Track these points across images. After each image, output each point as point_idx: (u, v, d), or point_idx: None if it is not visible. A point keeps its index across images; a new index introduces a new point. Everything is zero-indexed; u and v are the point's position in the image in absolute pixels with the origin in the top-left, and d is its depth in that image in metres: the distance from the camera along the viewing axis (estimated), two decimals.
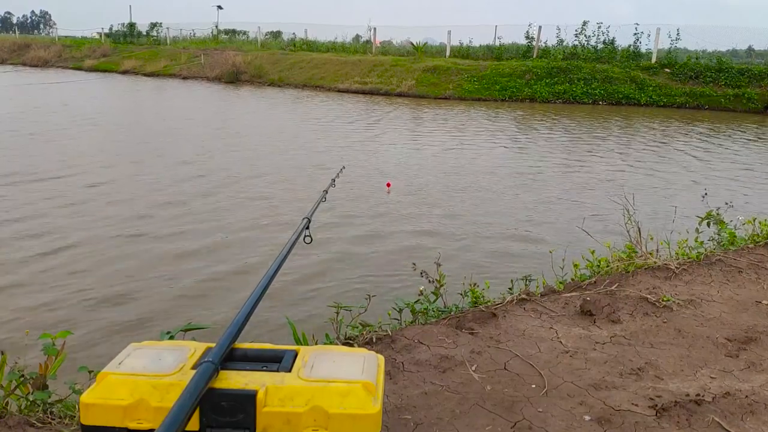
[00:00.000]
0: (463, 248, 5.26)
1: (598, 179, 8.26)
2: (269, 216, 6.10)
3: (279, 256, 1.33)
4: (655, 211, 6.36)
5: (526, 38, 23.23)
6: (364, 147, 10.37)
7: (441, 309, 2.75)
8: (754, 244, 3.75)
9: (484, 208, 6.59)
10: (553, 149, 10.57)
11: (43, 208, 6.15)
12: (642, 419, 1.91)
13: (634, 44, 21.35)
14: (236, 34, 35.41)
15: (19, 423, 1.81)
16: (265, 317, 3.67)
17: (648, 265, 3.28)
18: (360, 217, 6.12)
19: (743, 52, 25.42)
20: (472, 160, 9.41)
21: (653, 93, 18.05)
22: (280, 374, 0.96)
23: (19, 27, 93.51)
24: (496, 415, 1.92)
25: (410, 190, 7.30)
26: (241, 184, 7.40)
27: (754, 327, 2.62)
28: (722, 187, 7.87)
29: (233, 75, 23.67)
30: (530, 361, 2.28)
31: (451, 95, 18.94)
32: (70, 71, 29.60)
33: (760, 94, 17.41)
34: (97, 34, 40.84)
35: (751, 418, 1.93)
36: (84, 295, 4.14)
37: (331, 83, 21.23)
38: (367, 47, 27.61)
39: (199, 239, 5.33)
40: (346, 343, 2.41)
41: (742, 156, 10.47)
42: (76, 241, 5.18)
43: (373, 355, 1.05)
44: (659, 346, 2.43)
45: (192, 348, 1.02)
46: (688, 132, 13.22)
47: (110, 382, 0.93)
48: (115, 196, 6.74)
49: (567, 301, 2.85)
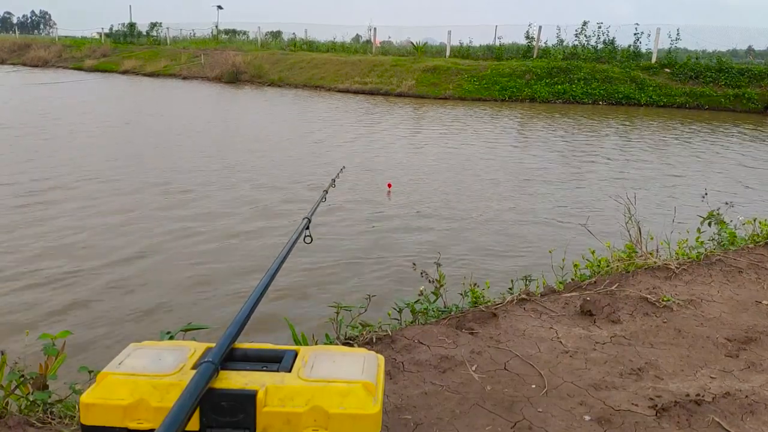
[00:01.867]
0: (463, 248, 5.26)
1: (598, 179, 8.26)
2: (267, 216, 6.10)
3: (279, 256, 1.33)
4: (656, 211, 6.36)
5: (526, 38, 23.27)
6: (364, 147, 10.37)
7: (441, 309, 2.75)
8: (754, 244, 3.75)
9: (485, 208, 6.59)
10: (554, 149, 10.57)
11: (44, 207, 6.16)
12: (642, 419, 1.91)
13: (634, 44, 21.37)
14: (236, 34, 35.44)
15: (19, 423, 1.81)
16: (266, 317, 3.66)
17: (648, 265, 3.28)
18: (360, 217, 6.12)
19: (743, 52, 25.42)
20: (472, 160, 9.41)
21: (653, 93, 18.05)
22: (280, 374, 0.96)
23: (19, 27, 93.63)
24: (496, 415, 1.92)
25: (410, 190, 7.30)
26: (241, 184, 7.41)
27: (754, 327, 2.62)
28: (722, 187, 7.87)
29: (233, 75, 23.67)
30: (530, 361, 2.27)
31: (451, 95, 18.95)
32: (70, 71, 29.60)
33: (760, 94, 17.42)
34: (97, 34, 40.87)
35: (751, 418, 1.93)
36: (84, 296, 4.14)
37: (331, 83, 21.24)
38: (367, 47, 27.63)
39: (199, 240, 5.33)
40: (346, 343, 2.41)
41: (742, 156, 10.47)
42: (77, 242, 5.19)
43: (373, 355, 1.05)
44: (659, 346, 2.43)
45: (192, 348, 1.02)
46: (688, 132, 13.22)
47: (110, 382, 0.93)
48: (116, 196, 6.75)
49: (567, 301, 2.85)
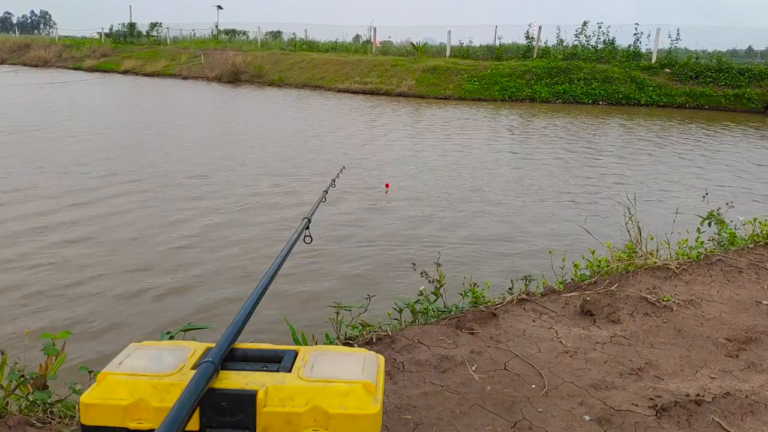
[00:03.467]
0: (463, 248, 5.26)
1: (598, 179, 8.26)
2: (267, 216, 6.10)
3: (279, 256, 1.33)
4: (656, 211, 6.35)
5: (526, 38, 23.26)
6: (364, 147, 10.37)
7: (441, 309, 2.75)
8: (754, 244, 3.75)
9: (484, 208, 6.59)
10: (554, 149, 10.57)
11: (44, 208, 6.16)
12: (642, 419, 1.91)
13: (634, 44, 21.37)
14: (236, 34, 35.43)
15: (19, 423, 1.81)
16: (266, 317, 3.66)
17: (648, 265, 3.28)
18: (360, 217, 6.12)
19: (743, 52, 25.43)
20: (472, 160, 9.41)
21: (653, 93, 18.05)
22: (280, 374, 0.96)
23: (19, 27, 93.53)
24: (496, 415, 1.92)
25: (410, 191, 7.30)
26: (241, 184, 7.41)
27: (754, 327, 2.62)
28: (722, 187, 7.87)
29: (233, 75, 23.67)
30: (530, 361, 2.27)
31: (451, 95, 18.95)
32: (70, 71, 29.58)
33: (760, 94, 17.41)
34: (97, 34, 40.86)
35: (751, 418, 1.93)
36: (84, 296, 4.14)
37: (331, 83, 21.23)
38: (367, 47, 27.62)
39: (200, 243, 5.34)
40: (346, 343, 2.41)
41: (742, 156, 10.47)
42: (76, 242, 5.19)
43: (373, 355, 1.05)
44: (659, 346, 2.43)
45: (192, 348, 1.02)
46: (688, 132, 13.22)
47: (110, 382, 0.93)
48: (119, 195, 6.75)
49: (567, 301, 2.85)
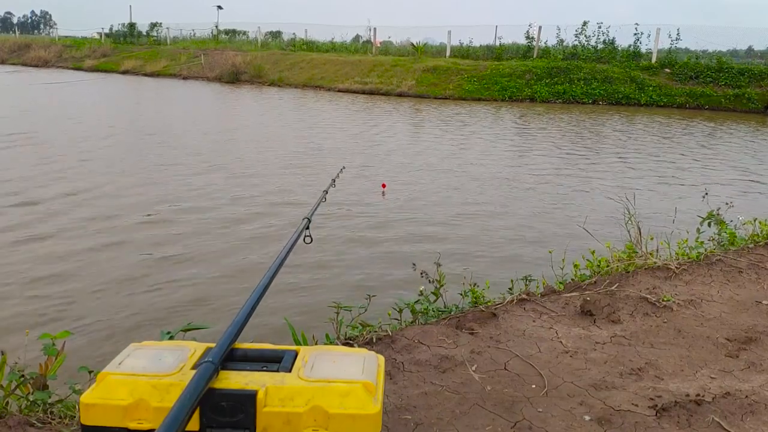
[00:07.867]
0: (463, 248, 5.25)
1: (598, 179, 8.25)
2: (267, 216, 6.10)
3: (279, 256, 1.33)
4: (656, 211, 6.35)
5: (526, 38, 23.27)
6: (364, 147, 10.37)
7: (441, 309, 2.75)
8: (754, 244, 3.75)
9: (484, 208, 6.59)
10: (554, 149, 10.57)
11: (44, 207, 6.16)
12: (642, 419, 1.91)
13: (634, 44, 21.37)
14: (236, 34, 35.41)
15: (19, 423, 1.81)
16: (266, 317, 3.66)
17: (648, 265, 3.28)
18: (361, 217, 6.12)
19: (743, 52, 25.42)
20: (472, 160, 9.40)
21: (653, 93, 18.04)
22: (281, 374, 0.96)
23: (20, 27, 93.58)
24: (496, 415, 1.92)
25: (410, 191, 7.29)
26: (240, 184, 7.41)
27: (754, 327, 2.62)
28: (723, 187, 7.87)
29: (233, 75, 23.67)
30: (530, 361, 2.27)
31: (451, 95, 18.95)
32: (70, 71, 29.58)
33: (760, 94, 17.41)
34: (98, 34, 40.84)
35: (751, 418, 1.93)
36: (84, 296, 4.14)
37: (331, 83, 21.23)
38: (367, 47, 27.62)
39: (200, 243, 5.33)
40: (346, 343, 2.41)
41: (742, 156, 10.47)
42: (78, 241, 5.19)
43: (373, 355, 1.05)
44: (659, 346, 2.43)
45: (192, 348, 1.02)
46: (689, 132, 13.22)
47: (110, 382, 0.93)
48: (121, 194, 6.75)
49: (567, 301, 2.85)
